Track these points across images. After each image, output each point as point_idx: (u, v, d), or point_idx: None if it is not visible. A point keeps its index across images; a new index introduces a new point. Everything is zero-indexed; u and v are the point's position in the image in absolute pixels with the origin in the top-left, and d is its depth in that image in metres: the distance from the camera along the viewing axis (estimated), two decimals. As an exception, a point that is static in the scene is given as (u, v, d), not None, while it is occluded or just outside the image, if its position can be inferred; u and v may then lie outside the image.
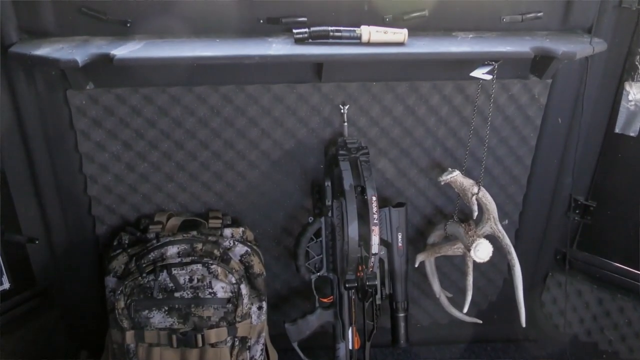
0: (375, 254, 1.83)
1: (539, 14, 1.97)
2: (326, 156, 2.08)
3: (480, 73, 1.82)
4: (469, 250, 1.94)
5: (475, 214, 1.99)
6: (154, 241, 1.90)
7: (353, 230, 1.81)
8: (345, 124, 2.01)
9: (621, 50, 2.03)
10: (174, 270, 1.81)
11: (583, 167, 2.23)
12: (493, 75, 1.84)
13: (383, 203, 2.11)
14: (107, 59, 1.66)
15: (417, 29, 1.90)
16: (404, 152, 2.13)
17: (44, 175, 1.97)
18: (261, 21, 1.86)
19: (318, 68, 1.90)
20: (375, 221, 1.81)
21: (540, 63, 1.95)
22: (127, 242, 1.96)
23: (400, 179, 2.19)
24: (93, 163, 1.98)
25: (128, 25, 1.80)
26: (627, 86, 2.06)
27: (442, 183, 1.99)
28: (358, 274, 1.91)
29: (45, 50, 1.68)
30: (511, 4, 1.96)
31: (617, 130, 2.12)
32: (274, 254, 2.27)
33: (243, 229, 2.04)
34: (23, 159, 1.92)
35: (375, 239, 1.81)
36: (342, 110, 2.00)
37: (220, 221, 2.03)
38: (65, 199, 2.04)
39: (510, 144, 2.17)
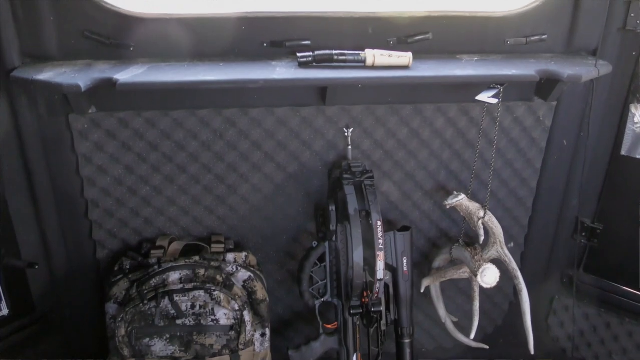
0: (381, 280, 1.80)
1: (544, 37, 1.97)
2: (330, 179, 2.06)
3: (486, 97, 1.81)
4: (476, 276, 1.92)
5: (482, 238, 1.96)
6: (156, 267, 1.87)
7: (358, 255, 1.78)
8: (350, 147, 1.99)
9: (626, 72, 2.02)
10: (176, 296, 1.78)
11: (589, 190, 2.21)
12: (499, 99, 1.82)
13: (388, 227, 2.09)
14: (110, 83, 1.65)
15: (421, 52, 1.90)
16: (408, 175, 2.12)
17: (44, 200, 1.95)
18: (265, 44, 1.85)
19: (322, 91, 1.89)
20: (380, 246, 1.79)
21: (546, 86, 1.94)
22: (128, 267, 1.94)
23: (404, 202, 2.17)
24: (94, 187, 1.96)
25: (131, 49, 1.80)
26: (632, 108, 2.04)
27: (448, 207, 1.97)
28: (363, 300, 1.87)
29: (47, 74, 1.67)
30: (515, 26, 1.95)
31: (623, 153, 2.10)
32: (277, 278, 2.24)
33: (246, 253, 2.01)
34: (24, 184, 1.90)
35: (380, 265, 1.79)
36: (346, 133, 1.98)
37: (223, 246, 2.00)
38: (66, 223, 2.01)
39: (516, 166, 2.16)
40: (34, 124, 1.83)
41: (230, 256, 1.97)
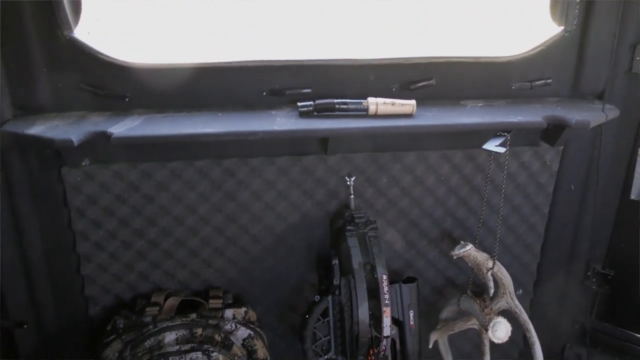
0: (387, 337, 1.72)
1: (549, 81, 1.93)
2: (332, 229, 1.99)
3: (493, 146, 1.76)
4: (486, 330, 1.83)
5: (492, 291, 1.89)
6: (151, 326, 1.78)
7: (363, 312, 1.70)
8: (352, 196, 1.93)
9: (633, 116, 1.99)
10: (172, 359, 1.68)
11: (599, 235, 2.15)
12: (506, 148, 1.77)
13: (392, 277, 2.01)
14: (104, 137, 1.59)
15: (424, 98, 1.85)
16: (412, 223, 2.05)
17: (34, 255, 1.87)
18: (264, 93, 1.81)
19: (324, 140, 1.84)
20: (386, 302, 1.71)
21: (552, 131, 1.89)
22: (121, 326, 1.84)
23: (409, 250, 2.09)
24: (87, 241, 1.88)
25: (126, 99, 1.74)
26: (640, 152, 2.00)
27: (455, 257, 1.90)
28: (369, 358, 1.78)
29: (39, 128, 1.61)
30: (520, 71, 1.92)
31: (632, 197, 2.05)
32: (278, 332, 2.15)
33: (245, 309, 1.93)
34: (13, 238, 1.82)
35: (387, 321, 1.71)
36: (348, 182, 1.92)
37: (221, 301, 1.92)
38: (57, 279, 1.92)
39: (523, 212, 2.10)
40: (24, 177, 1.76)
41: (228, 312, 1.88)
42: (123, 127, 1.62)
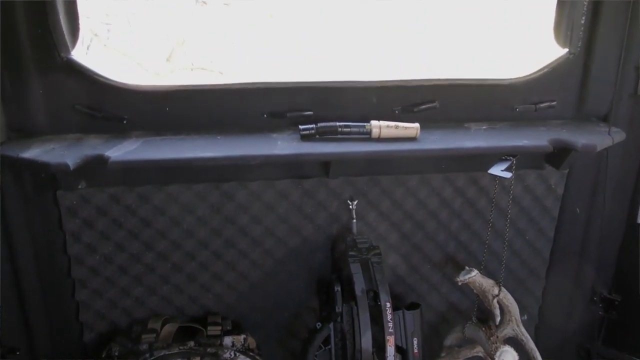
0: (391, 366, 1.67)
1: (553, 103, 1.91)
2: (333, 253, 1.95)
3: (498, 170, 1.72)
4: (493, 359, 1.78)
5: (498, 319, 1.84)
6: (147, 354, 1.73)
7: (366, 341, 1.65)
8: (354, 220, 1.88)
9: (638, 138, 1.96)
10: (169, 389, 1.63)
11: (605, 259, 2.11)
12: (512, 172, 1.74)
13: (395, 302, 1.96)
14: (101, 161, 1.56)
15: (427, 121, 1.82)
16: (415, 247, 2.01)
17: (28, 280, 1.82)
18: (265, 116, 1.77)
19: (326, 164, 1.80)
20: (390, 330, 1.66)
21: (558, 154, 1.86)
22: (117, 354, 1.79)
23: (412, 275, 2.05)
24: (82, 266, 1.83)
25: (124, 121, 1.71)
26: (646, 175, 1.97)
27: (460, 283, 1.85)
28: (372, 387, 1.73)
29: (34, 152, 1.57)
30: (524, 93, 1.89)
31: (639, 221, 2.01)
32: (278, 358, 2.09)
33: (244, 336, 1.88)
34: (6, 263, 1.77)
35: (390, 350, 1.66)
36: (350, 206, 1.88)
37: (220, 327, 1.87)
38: (51, 304, 1.87)
39: (528, 235, 2.06)
40: (19, 200, 1.73)
41: (227, 340, 1.84)
42: (121, 151, 1.59)
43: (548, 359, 2.05)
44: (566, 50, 1.87)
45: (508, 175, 1.72)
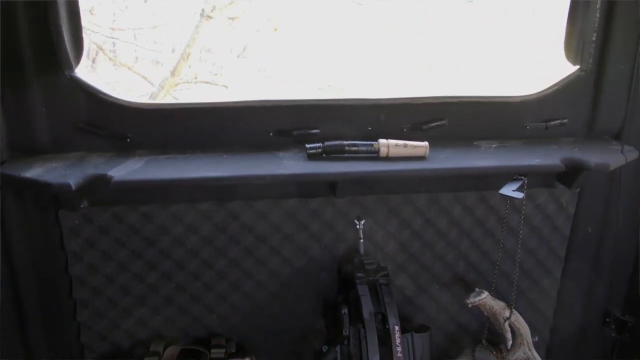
0: (400, 392, 1.62)
1: (564, 121, 1.87)
2: (340, 273, 1.91)
3: (510, 191, 1.68)
4: (504, 383, 1.74)
5: (510, 342, 1.80)
6: (149, 378, 1.69)
7: (375, 366, 1.61)
8: (362, 240, 1.84)
9: None
10: (172, 415, 1.59)
11: (617, 279, 2.06)
12: (524, 192, 1.70)
13: (403, 324, 1.91)
14: (104, 180, 1.53)
15: (436, 138, 1.79)
16: (424, 267, 1.96)
17: (28, 300, 1.78)
18: (271, 134, 1.74)
19: (333, 183, 1.77)
20: (399, 354, 1.62)
21: (569, 173, 1.82)
22: (118, 377, 1.75)
23: (420, 295, 2.01)
24: (84, 286, 1.80)
25: (128, 140, 1.68)
26: (660, 194, 1.93)
27: (470, 306, 1.81)
28: (380, 413, 1.68)
29: (36, 171, 1.54)
30: (534, 110, 1.86)
31: None
32: None
33: (249, 359, 1.84)
34: (7, 282, 1.74)
35: (399, 375, 1.61)
36: (357, 226, 1.84)
37: (224, 350, 1.83)
38: (51, 325, 1.84)
39: (538, 255, 2.01)
40: (20, 220, 1.70)
41: (231, 363, 1.79)
42: (124, 170, 1.56)
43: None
44: (577, 67, 1.84)
45: (520, 195, 1.68)
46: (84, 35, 1.61)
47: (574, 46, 1.82)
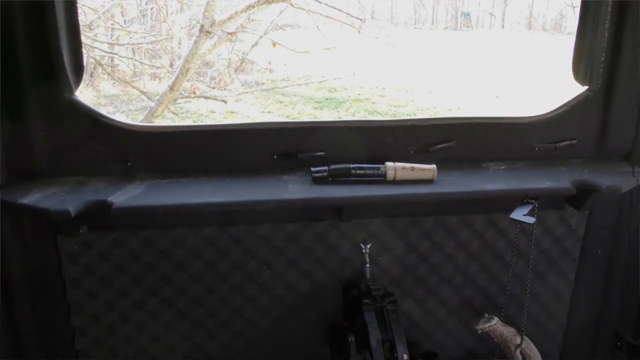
0: None
1: (573, 142, 1.84)
2: (346, 298, 1.86)
3: (520, 215, 1.65)
4: (516, 413, 1.69)
5: (522, 372, 1.75)
6: (150, 410, 1.63)
7: (383, 396, 1.56)
8: (368, 264, 1.80)
9: None
10: None
11: (628, 303, 2.02)
12: (535, 216, 1.66)
13: (410, 351, 1.86)
14: (104, 206, 1.48)
15: (443, 160, 1.75)
16: (431, 291, 1.92)
17: (25, 327, 1.73)
18: (275, 157, 1.70)
19: (338, 207, 1.72)
20: (408, 385, 1.57)
21: (579, 195, 1.78)
22: (117, 408, 1.69)
23: (427, 320, 1.96)
24: (83, 313, 1.74)
25: (128, 164, 1.64)
26: (671, 216, 1.89)
27: (480, 332, 1.76)
28: None
29: (34, 197, 1.50)
30: (543, 132, 1.83)
31: None
32: None
33: (252, 388, 1.78)
34: (4, 309, 1.69)
35: (408, 406, 1.56)
36: (363, 250, 1.80)
37: (227, 379, 1.77)
38: (49, 353, 1.78)
39: (548, 278, 1.97)
40: (17, 246, 1.65)
41: (234, 392, 1.74)
42: (125, 196, 1.52)
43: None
44: (586, 87, 1.81)
45: (531, 220, 1.64)
46: (83, 51, 1.57)
47: (582, 66, 1.79)
